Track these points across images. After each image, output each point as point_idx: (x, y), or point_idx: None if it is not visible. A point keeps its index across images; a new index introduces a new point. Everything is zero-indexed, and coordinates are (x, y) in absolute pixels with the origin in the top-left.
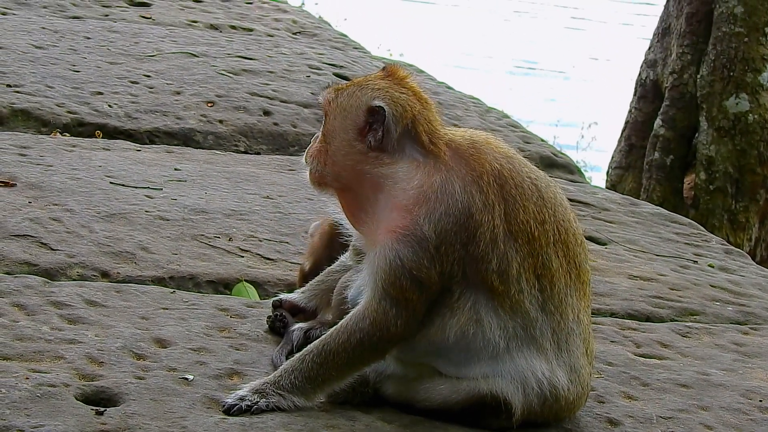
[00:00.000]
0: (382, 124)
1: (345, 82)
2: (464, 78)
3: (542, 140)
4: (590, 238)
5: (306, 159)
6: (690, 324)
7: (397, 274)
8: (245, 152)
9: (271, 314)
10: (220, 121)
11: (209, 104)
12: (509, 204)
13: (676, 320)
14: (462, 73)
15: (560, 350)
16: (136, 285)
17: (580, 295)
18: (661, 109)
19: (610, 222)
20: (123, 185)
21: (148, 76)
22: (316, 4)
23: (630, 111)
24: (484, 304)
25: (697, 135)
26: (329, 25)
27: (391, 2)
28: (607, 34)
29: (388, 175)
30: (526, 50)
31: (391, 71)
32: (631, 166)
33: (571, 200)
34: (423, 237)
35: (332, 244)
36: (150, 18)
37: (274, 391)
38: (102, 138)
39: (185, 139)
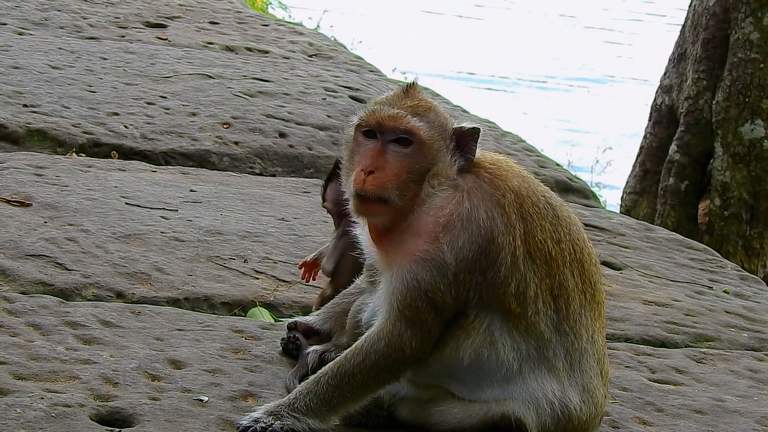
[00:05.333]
0: (476, 144)
1: (421, 104)
2: (478, 102)
3: (557, 165)
4: (605, 263)
5: (384, 190)
6: (705, 350)
7: (414, 295)
8: (260, 174)
9: (284, 336)
10: (236, 143)
11: (225, 126)
12: (528, 223)
13: (691, 346)
14: (476, 97)
15: (573, 370)
16: (151, 306)
17: (595, 316)
18: (676, 135)
19: (625, 247)
20: (138, 206)
21: (164, 98)
22: (331, 26)
23: (645, 136)
24: (498, 326)
25: (711, 161)
26: (344, 47)
27: (405, 26)
28: (622, 58)
29: (429, 197)
30: (541, 73)
31: (419, 89)
32: (645, 191)
33: (586, 225)
34: (444, 264)
35: (354, 273)
36: (166, 39)
37: (289, 414)
38: (118, 159)
39: (201, 160)
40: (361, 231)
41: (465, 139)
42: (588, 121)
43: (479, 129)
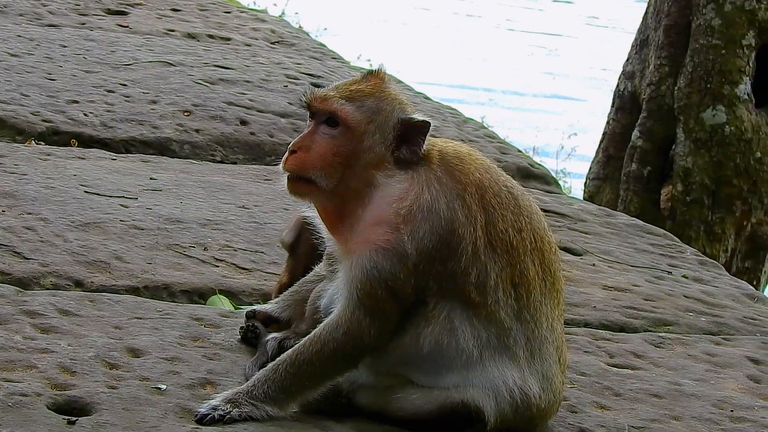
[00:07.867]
0: (424, 137)
1: (365, 89)
2: (444, 91)
3: (519, 151)
4: (565, 249)
5: (304, 170)
6: (663, 334)
7: (374, 284)
8: (221, 162)
9: (243, 325)
10: (197, 131)
11: (186, 113)
12: (489, 214)
13: (650, 331)
14: (443, 90)
15: (533, 358)
16: (109, 294)
17: (554, 304)
18: (639, 121)
19: (586, 233)
20: (98, 194)
21: (125, 85)
22: (296, 13)
23: (608, 122)
24: (458, 314)
25: (674, 147)
26: (308, 35)
27: (372, 13)
28: (583, 46)
29: (382, 186)
30: (506, 64)
31: (380, 76)
32: (608, 177)
33: (547, 211)
34: (404, 253)
35: (311, 258)
36: (127, 27)
37: (247, 401)
38: (77, 147)
39: (161, 148)
40: (316, 217)
41: (412, 131)
42: (553, 108)
43: (429, 123)
